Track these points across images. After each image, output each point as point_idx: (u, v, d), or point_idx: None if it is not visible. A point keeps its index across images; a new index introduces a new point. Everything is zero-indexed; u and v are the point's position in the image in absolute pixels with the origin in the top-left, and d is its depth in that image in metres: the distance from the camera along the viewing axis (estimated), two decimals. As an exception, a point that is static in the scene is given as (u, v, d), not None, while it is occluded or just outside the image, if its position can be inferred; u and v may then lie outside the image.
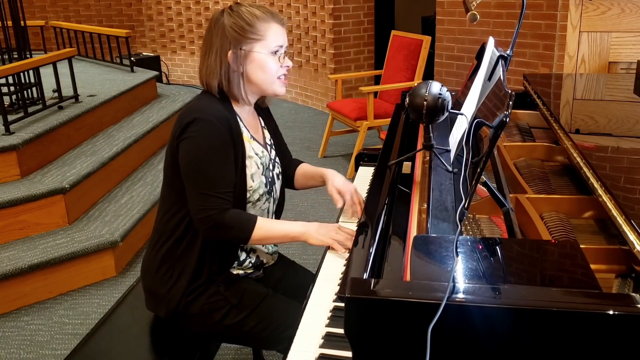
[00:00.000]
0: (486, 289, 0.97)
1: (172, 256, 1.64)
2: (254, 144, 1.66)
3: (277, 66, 1.61)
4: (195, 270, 1.62)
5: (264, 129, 1.78)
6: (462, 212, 1.16)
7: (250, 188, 1.63)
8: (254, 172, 1.64)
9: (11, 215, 2.99)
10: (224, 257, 1.65)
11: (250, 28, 1.56)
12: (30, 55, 4.00)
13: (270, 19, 1.59)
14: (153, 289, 1.68)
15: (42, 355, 2.50)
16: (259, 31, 1.57)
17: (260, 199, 1.67)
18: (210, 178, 1.53)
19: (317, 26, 5.97)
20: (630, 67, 2.92)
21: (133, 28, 7.21)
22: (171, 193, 1.64)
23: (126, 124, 4.34)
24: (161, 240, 1.66)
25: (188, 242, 1.62)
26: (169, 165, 1.62)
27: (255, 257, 1.74)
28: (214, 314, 1.63)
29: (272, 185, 1.73)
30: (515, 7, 4.28)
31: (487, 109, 1.33)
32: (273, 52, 1.59)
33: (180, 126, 1.55)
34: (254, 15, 1.57)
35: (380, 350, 0.97)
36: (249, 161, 1.63)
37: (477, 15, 1.66)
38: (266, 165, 1.69)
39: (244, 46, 1.57)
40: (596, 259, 1.25)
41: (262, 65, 1.59)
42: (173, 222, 1.63)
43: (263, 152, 1.69)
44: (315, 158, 4.81)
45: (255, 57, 1.58)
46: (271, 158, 1.74)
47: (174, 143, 1.57)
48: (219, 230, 1.54)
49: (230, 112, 1.60)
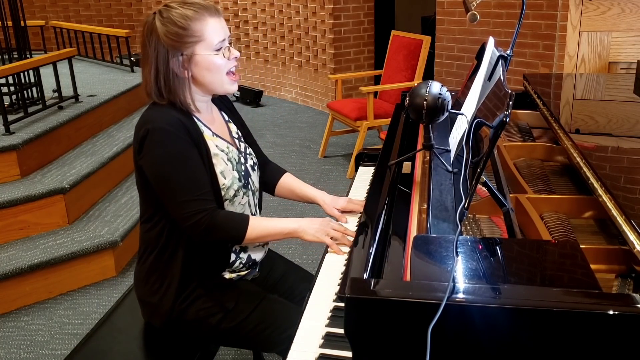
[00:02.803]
0: (486, 289, 0.97)
1: (158, 266, 1.63)
2: (217, 141, 1.61)
3: (224, 61, 1.53)
4: (182, 277, 1.60)
5: (229, 122, 1.73)
6: (462, 212, 1.16)
7: (224, 186, 1.59)
8: (223, 169, 1.60)
9: (11, 215, 2.99)
10: (213, 261, 1.63)
11: (186, 32, 1.48)
12: (30, 55, 4.00)
13: (204, 15, 1.50)
14: (145, 299, 1.67)
15: (42, 355, 2.50)
16: (196, 32, 1.49)
17: (237, 194, 1.63)
18: (183, 184, 1.49)
19: (317, 26, 5.97)
20: (630, 67, 2.92)
21: (133, 28, 7.21)
22: (147, 206, 1.62)
23: (126, 124, 4.33)
24: (147, 251, 1.65)
25: (172, 251, 1.60)
26: (138, 181, 1.60)
27: (246, 257, 1.70)
28: (210, 320, 1.61)
29: (248, 178, 1.68)
30: (515, 7, 4.28)
31: (487, 109, 1.33)
32: (217, 49, 1.52)
33: (137, 142, 1.52)
34: (186, 17, 1.48)
35: (380, 350, 0.97)
36: (216, 159, 1.58)
37: (477, 15, 1.66)
38: (236, 160, 1.65)
39: (185, 51, 1.49)
40: (596, 259, 1.25)
41: (209, 66, 1.52)
42: (153, 233, 1.61)
43: (229, 148, 1.64)
44: (315, 158, 4.81)
45: (199, 59, 1.51)
46: (241, 151, 1.69)
47: (136, 160, 1.55)
48: (212, 232, 1.51)
49: (185, 115, 1.54)
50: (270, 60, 6.70)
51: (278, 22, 6.43)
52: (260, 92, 6.52)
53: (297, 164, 4.67)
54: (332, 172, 4.49)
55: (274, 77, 6.76)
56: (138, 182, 1.62)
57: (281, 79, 6.68)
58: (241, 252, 1.69)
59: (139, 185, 1.62)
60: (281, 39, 6.46)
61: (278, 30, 6.47)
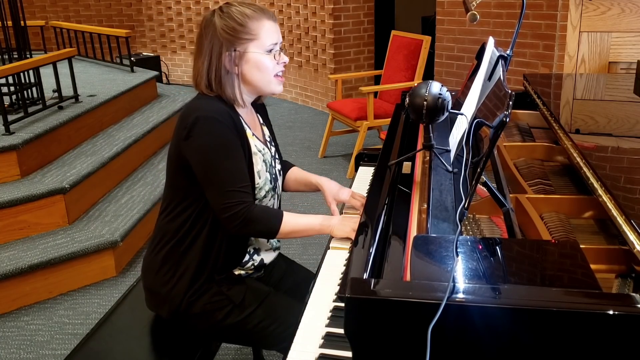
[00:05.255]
0: (486, 289, 0.97)
1: (174, 256, 1.64)
2: (255, 141, 1.66)
3: (273, 64, 1.59)
4: (197, 270, 1.62)
5: (263, 125, 1.77)
6: (462, 212, 1.15)
7: (258, 185, 1.63)
8: (260, 169, 1.64)
9: (11, 215, 2.99)
10: (228, 257, 1.65)
11: (243, 28, 1.54)
12: (30, 55, 4.00)
13: (262, 17, 1.57)
14: (154, 289, 1.68)
15: (42, 355, 2.50)
16: (252, 30, 1.55)
17: (267, 195, 1.67)
18: (229, 174, 1.52)
19: (317, 26, 5.97)
20: (630, 67, 2.92)
21: (133, 28, 7.21)
22: (175, 194, 1.63)
23: (126, 124, 4.33)
24: (163, 240, 1.65)
25: (190, 243, 1.62)
26: (174, 167, 1.62)
27: (259, 259, 1.73)
28: (216, 313, 1.63)
29: (276, 182, 1.73)
30: (515, 7, 4.28)
31: (487, 109, 1.33)
32: (268, 50, 1.57)
33: (185, 127, 1.53)
34: (244, 15, 1.55)
35: (380, 350, 0.97)
36: (255, 158, 1.62)
37: (477, 15, 1.65)
38: (269, 162, 1.69)
39: (238, 47, 1.55)
40: (596, 259, 1.25)
41: (259, 65, 1.57)
42: (176, 223, 1.63)
43: (264, 149, 1.69)
44: (315, 158, 4.81)
45: (251, 57, 1.56)
46: (272, 155, 1.74)
47: (180, 144, 1.55)
48: (248, 225, 1.53)
49: (231, 109, 1.59)
50: (270, 60, 6.69)
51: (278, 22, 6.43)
52: (260, 92, 6.51)
53: (297, 164, 4.59)
54: (332, 172, 4.49)
55: (274, 77, 6.75)
56: (171, 170, 1.63)
57: (281, 79, 6.67)
58: (255, 254, 1.72)
59: (171, 173, 1.64)
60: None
61: (278, 30, 6.46)
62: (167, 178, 1.67)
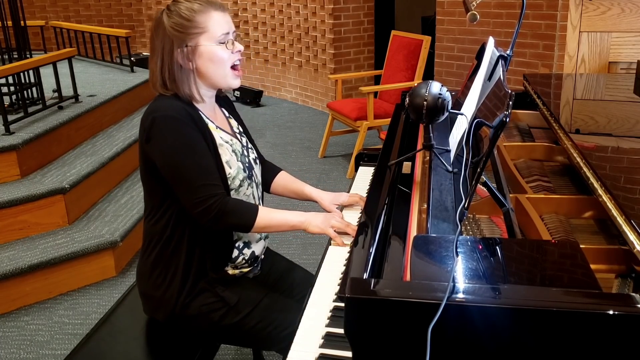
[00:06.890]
0: (486, 289, 0.97)
1: (162, 259, 1.64)
2: (221, 133, 1.65)
3: (227, 53, 1.58)
4: (185, 270, 1.62)
5: (229, 118, 1.77)
6: (462, 212, 1.15)
7: (229, 175, 1.62)
8: (229, 159, 1.63)
9: (11, 215, 2.99)
10: (216, 255, 1.64)
11: (190, 23, 1.54)
12: (30, 55, 4.00)
13: (209, 8, 1.56)
14: (148, 293, 1.68)
15: (42, 355, 2.50)
16: (200, 24, 1.55)
17: (242, 184, 1.66)
18: (193, 170, 1.52)
19: (317, 26, 5.97)
20: (630, 67, 2.92)
21: (133, 28, 7.22)
22: (153, 198, 1.64)
23: (126, 124, 4.34)
24: (151, 244, 1.66)
25: (177, 244, 1.62)
26: (144, 172, 1.63)
27: (249, 253, 1.71)
28: (212, 315, 1.63)
29: (251, 170, 1.71)
30: (515, 7, 4.28)
31: (487, 109, 1.33)
32: (220, 41, 1.57)
33: (145, 130, 1.55)
34: (191, 10, 1.55)
35: (380, 350, 0.97)
36: (221, 149, 1.62)
37: (477, 15, 1.66)
38: (239, 151, 1.68)
39: (189, 42, 1.55)
40: (596, 259, 1.24)
41: (212, 57, 1.57)
42: (160, 225, 1.63)
43: (232, 140, 1.68)
44: (315, 158, 4.81)
45: (203, 50, 1.56)
46: (243, 145, 1.73)
47: (144, 148, 1.57)
48: (222, 218, 1.53)
49: (190, 106, 1.59)
50: (270, 61, 6.70)
51: (278, 22, 6.43)
52: (260, 92, 6.52)
53: (297, 164, 4.67)
54: (332, 172, 4.49)
55: (274, 77, 6.76)
56: (143, 175, 1.64)
57: (281, 79, 6.68)
58: (244, 248, 1.70)
59: (143, 177, 1.64)
60: (281, 39, 6.47)
61: (278, 30, 6.47)
62: (142, 183, 1.67)
